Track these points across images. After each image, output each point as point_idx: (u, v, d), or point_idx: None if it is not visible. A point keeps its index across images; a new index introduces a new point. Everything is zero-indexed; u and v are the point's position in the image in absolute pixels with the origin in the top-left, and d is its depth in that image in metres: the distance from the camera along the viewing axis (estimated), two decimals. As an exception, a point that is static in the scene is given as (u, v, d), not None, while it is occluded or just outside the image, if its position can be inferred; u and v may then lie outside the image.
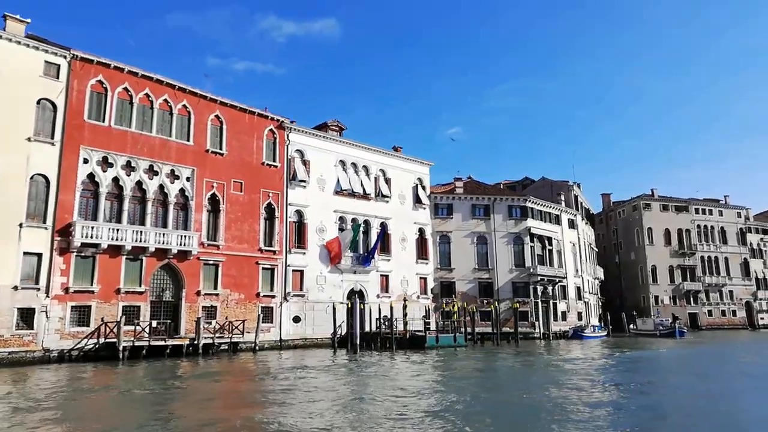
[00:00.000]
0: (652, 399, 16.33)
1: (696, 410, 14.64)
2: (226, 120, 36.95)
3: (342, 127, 46.30)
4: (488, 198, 51.23)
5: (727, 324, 74.76)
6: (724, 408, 14.85)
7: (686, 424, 13.08)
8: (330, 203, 42.03)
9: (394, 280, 45.40)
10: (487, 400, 16.14)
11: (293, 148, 40.49)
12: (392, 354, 32.88)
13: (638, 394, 17.27)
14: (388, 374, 23.09)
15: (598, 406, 14.83)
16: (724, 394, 17.21)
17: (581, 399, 15.84)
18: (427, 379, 21.35)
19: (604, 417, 13.27)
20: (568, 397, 16.09)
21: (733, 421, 13.46)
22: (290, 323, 38.10)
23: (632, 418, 13.18)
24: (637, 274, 74.94)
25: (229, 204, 36.07)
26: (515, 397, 16.77)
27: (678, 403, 15.89)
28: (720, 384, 19.66)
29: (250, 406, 15.59)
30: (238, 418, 13.47)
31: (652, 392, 17.77)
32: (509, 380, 21.68)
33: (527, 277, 50.09)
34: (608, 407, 14.59)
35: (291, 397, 17.04)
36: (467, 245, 49.99)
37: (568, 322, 53.42)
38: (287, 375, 23.16)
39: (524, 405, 15.31)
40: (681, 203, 76.86)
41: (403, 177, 48.24)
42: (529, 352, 35.64)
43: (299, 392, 18.10)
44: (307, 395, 17.37)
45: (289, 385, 19.76)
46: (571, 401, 15.35)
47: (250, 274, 36.35)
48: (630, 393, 17.51)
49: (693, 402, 16.03)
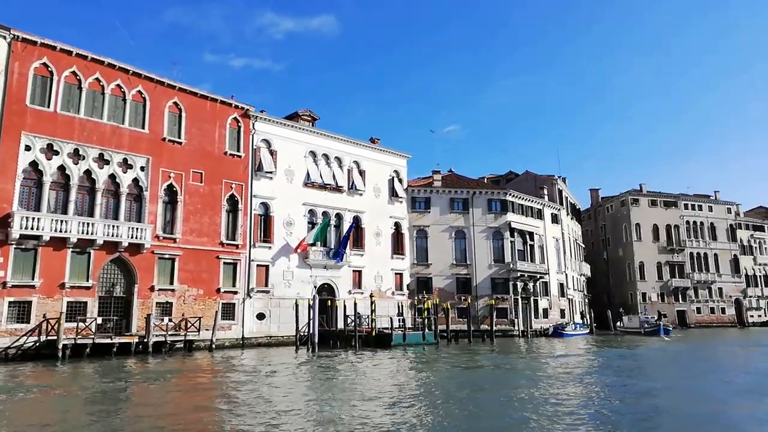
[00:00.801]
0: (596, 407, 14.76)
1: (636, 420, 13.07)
2: (186, 107, 35.22)
3: (314, 117, 44.62)
4: (467, 191, 49.63)
5: (716, 322, 73.43)
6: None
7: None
8: (299, 195, 40.35)
9: (368, 275, 43.79)
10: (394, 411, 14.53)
11: (259, 138, 38.77)
12: (355, 352, 31.31)
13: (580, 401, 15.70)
14: (331, 375, 21.49)
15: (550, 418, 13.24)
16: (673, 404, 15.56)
17: (523, 412, 14.24)
18: (359, 382, 19.69)
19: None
20: (503, 412, 14.43)
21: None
22: (254, 320, 36.45)
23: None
24: (625, 270, 73.53)
25: (188, 195, 34.36)
26: (437, 408, 15.15)
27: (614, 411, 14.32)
28: (675, 392, 18.02)
29: (174, 414, 13.95)
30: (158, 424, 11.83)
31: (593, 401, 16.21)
32: (444, 383, 20.08)
33: (507, 273, 48.54)
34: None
35: (209, 401, 15.43)
36: (445, 240, 48.41)
37: (550, 319, 51.91)
38: (227, 375, 21.56)
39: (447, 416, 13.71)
40: (670, 199, 75.41)
41: (379, 169, 46.58)
42: (502, 350, 34.06)
43: (221, 395, 16.50)
44: (226, 399, 15.77)
45: (216, 386, 18.16)
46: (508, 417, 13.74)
47: (209, 269, 34.66)
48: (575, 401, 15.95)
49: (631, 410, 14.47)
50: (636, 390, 17.10)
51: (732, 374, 22.01)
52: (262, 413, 13.40)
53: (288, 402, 15.30)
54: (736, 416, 13.35)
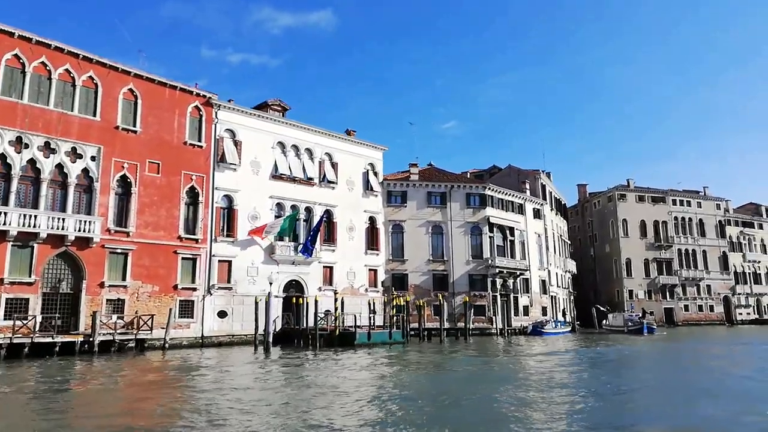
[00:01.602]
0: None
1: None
2: (142, 94, 33.50)
3: (285, 107, 42.95)
4: (445, 185, 48.05)
5: (704, 320, 72.17)
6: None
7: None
8: (265, 188, 38.70)
9: (340, 272, 42.20)
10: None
11: (223, 128, 37.07)
12: (315, 353, 29.74)
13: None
14: (262, 380, 19.93)
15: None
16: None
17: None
18: (281, 390, 18.12)
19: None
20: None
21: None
22: (214, 318, 34.83)
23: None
24: (612, 267, 72.16)
25: (143, 187, 32.67)
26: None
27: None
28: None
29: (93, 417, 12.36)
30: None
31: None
32: (380, 390, 18.54)
33: (485, 269, 47.00)
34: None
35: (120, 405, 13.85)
36: (422, 235, 46.84)
37: (531, 317, 50.44)
38: (161, 378, 19.97)
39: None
40: (658, 194, 74.03)
41: (353, 162, 44.96)
42: (471, 349, 32.56)
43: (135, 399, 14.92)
44: (134, 404, 14.19)
45: (140, 389, 16.57)
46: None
47: (166, 265, 33.01)
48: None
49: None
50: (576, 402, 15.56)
51: (696, 378, 20.51)
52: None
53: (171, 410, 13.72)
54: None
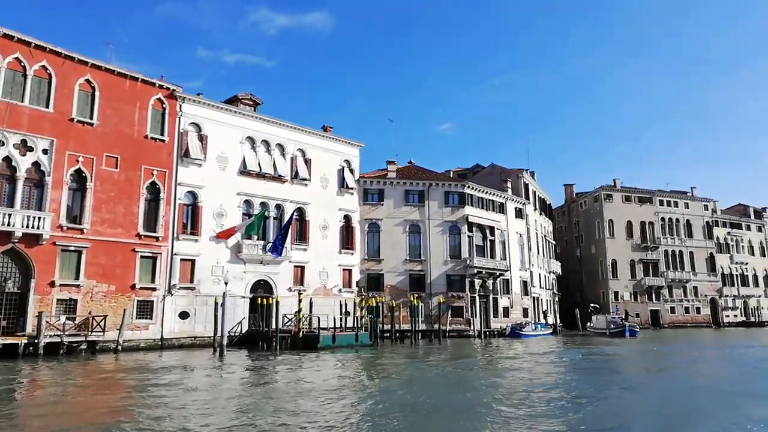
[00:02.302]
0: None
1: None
2: (100, 86, 32.08)
3: (257, 101, 41.62)
4: (423, 183, 46.82)
5: (691, 322, 71.24)
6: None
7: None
8: (233, 184, 37.34)
9: (312, 271, 40.88)
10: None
11: (187, 121, 35.70)
12: (275, 356, 28.44)
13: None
14: (196, 387, 18.61)
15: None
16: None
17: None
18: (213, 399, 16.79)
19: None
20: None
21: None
22: (176, 319, 33.45)
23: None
24: (598, 268, 71.09)
25: (100, 182, 31.26)
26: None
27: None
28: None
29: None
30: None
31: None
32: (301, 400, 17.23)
33: (463, 270, 45.80)
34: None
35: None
36: (399, 234, 45.59)
37: (512, 318, 49.27)
38: (90, 383, 18.61)
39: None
40: (645, 194, 73.04)
41: (327, 158, 43.65)
42: (443, 352, 31.32)
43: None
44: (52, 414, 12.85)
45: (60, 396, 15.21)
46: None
47: (124, 263, 31.61)
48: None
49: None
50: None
51: (650, 394, 19.20)
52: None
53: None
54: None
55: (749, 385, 18.75)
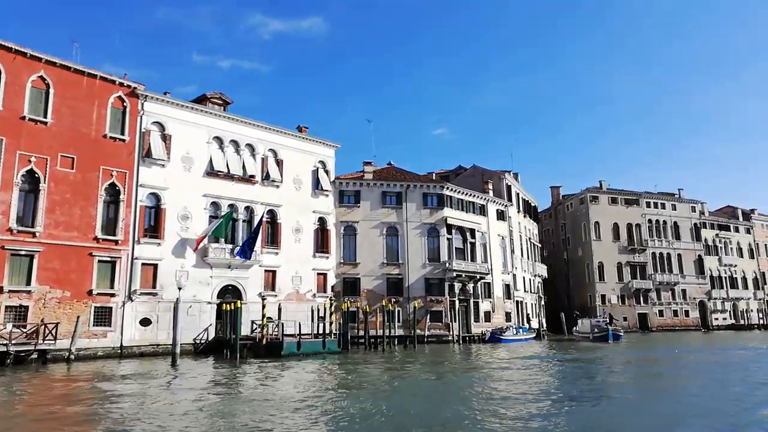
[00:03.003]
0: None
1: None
2: (55, 83, 30.72)
3: (227, 100, 40.33)
4: (400, 185, 45.58)
5: (679, 325, 70.13)
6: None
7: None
8: (199, 186, 35.98)
9: (284, 276, 39.50)
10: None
11: (150, 120, 34.35)
12: (237, 364, 27.05)
13: None
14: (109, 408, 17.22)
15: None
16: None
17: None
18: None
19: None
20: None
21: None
22: (136, 327, 31.98)
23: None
24: (584, 271, 69.97)
25: (54, 183, 29.84)
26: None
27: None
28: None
29: None
30: None
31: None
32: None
33: (442, 273, 44.54)
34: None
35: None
36: (376, 237, 44.30)
37: (493, 323, 47.98)
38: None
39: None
40: (631, 196, 72.06)
41: (301, 159, 42.36)
42: (414, 359, 30.00)
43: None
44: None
45: None
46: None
47: (80, 268, 30.15)
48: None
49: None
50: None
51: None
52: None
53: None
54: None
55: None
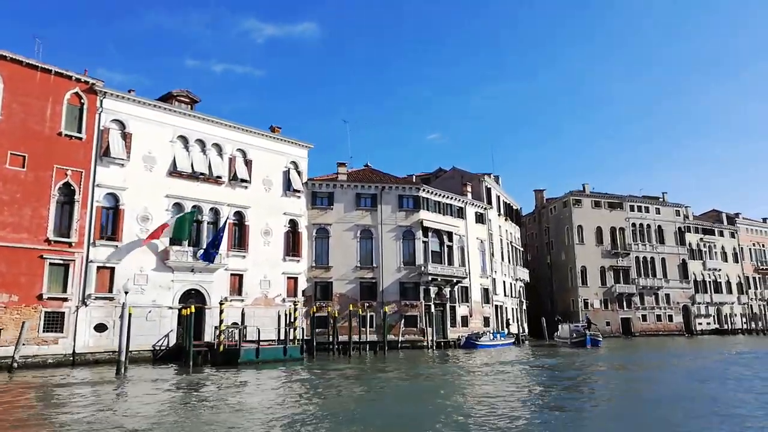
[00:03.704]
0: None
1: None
2: (5, 78, 29.35)
3: (194, 99, 39.09)
4: (375, 186, 44.47)
5: (663, 330, 69.41)
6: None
7: None
8: (161, 186, 34.67)
9: (252, 280, 38.22)
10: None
11: (109, 118, 33.03)
12: (188, 372, 25.78)
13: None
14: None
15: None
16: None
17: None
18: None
19: None
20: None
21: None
22: (91, 333, 30.58)
23: None
24: (567, 275, 69.11)
25: (2, 182, 28.43)
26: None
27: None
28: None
29: None
30: None
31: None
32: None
33: (418, 277, 43.42)
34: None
35: None
36: (349, 240, 43.12)
37: (471, 328, 46.87)
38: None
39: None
40: (614, 200, 71.36)
41: (272, 160, 41.14)
42: (383, 366, 28.83)
43: None
44: None
45: None
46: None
47: (30, 271, 28.73)
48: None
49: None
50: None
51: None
52: None
53: None
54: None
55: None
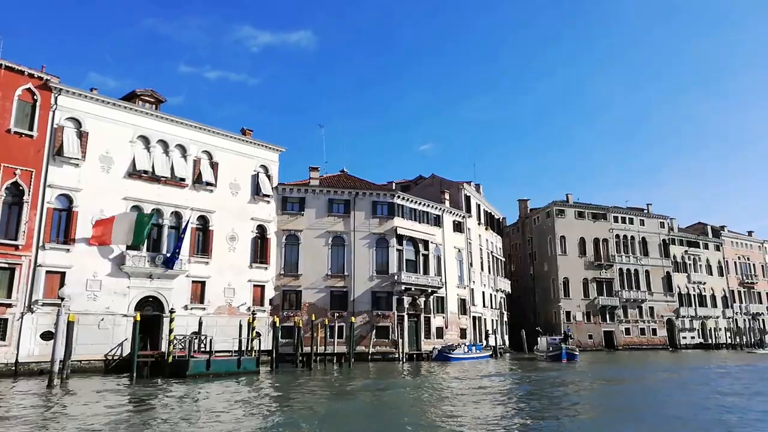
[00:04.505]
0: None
1: None
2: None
3: (159, 99, 37.75)
4: (349, 192, 43.17)
5: (646, 344, 68.18)
6: None
7: None
8: (119, 188, 33.18)
9: (215, 287, 36.70)
10: None
11: (64, 116, 31.58)
12: (131, 385, 24.22)
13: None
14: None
15: None
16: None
17: None
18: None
19: None
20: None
21: None
22: (36, 341, 28.93)
23: None
24: (550, 287, 67.88)
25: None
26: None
27: None
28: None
29: None
30: None
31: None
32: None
33: (391, 286, 42.06)
34: None
35: None
36: (320, 247, 41.73)
37: (447, 340, 45.46)
38: None
39: None
40: (598, 210, 70.33)
41: (240, 163, 39.79)
42: (340, 381, 27.37)
43: None
44: None
45: None
46: None
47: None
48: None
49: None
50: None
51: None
52: None
53: None
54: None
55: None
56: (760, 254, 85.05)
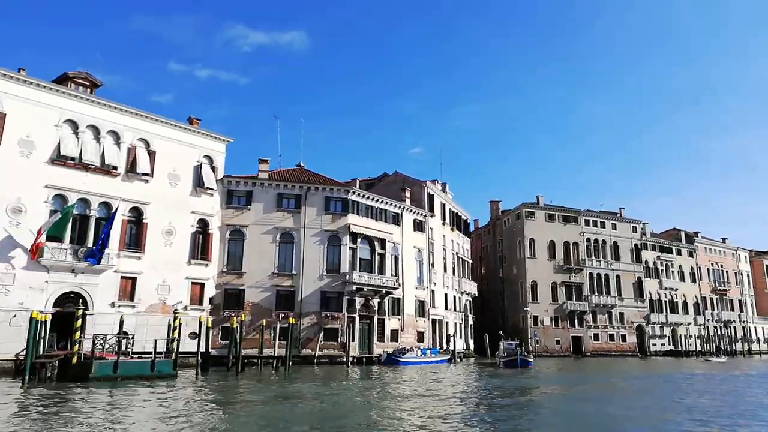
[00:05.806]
0: None
1: None
2: None
3: (95, 82, 35.45)
4: (300, 187, 41.03)
5: (615, 350, 66.79)
6: None
7: None
8: (41, 175, 30.73)
9: (148, 284, 34.33)
10: None
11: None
12: (24, 390, 21.85)
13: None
14: None
15: None
16: None
17: None
18: None
19: None
20: None
21: None
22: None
23: None
24: (519, 290, 66.21)
25: None
26: None
27: None
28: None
29: None
30: None
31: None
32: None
33: (341, 286, 39.97)
34: None
35: None
36: (267, 244, 39.54)
37: (402, 343, 43.40)
38: None
39: None
40: (569, 213, 68.87)
41: (181, 152, 37.47)
42: (263, 387, 25.21)
43: None
44: None
45: None
46: None
47: None
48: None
49: None
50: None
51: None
52: None
53: None
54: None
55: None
56: (733, 261, 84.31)
